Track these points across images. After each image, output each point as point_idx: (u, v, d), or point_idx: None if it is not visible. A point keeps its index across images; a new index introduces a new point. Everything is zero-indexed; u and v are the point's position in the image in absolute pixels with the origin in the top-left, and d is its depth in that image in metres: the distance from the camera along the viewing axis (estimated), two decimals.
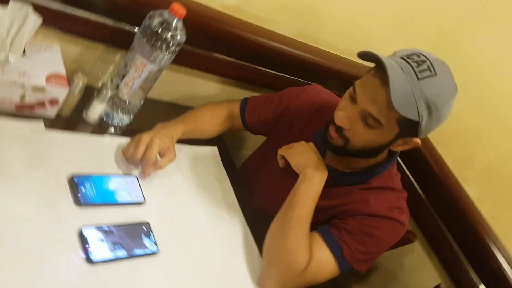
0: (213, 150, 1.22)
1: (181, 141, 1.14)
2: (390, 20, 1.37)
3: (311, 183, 0.97)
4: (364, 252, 0.97)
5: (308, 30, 1.28)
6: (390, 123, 0.89)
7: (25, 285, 0.72)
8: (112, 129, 1.08)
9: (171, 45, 0.95)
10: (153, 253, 0.90)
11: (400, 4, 1.35)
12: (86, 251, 0.81)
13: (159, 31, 0.93)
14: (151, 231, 0.93)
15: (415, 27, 1.42)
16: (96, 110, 1.02)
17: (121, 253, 0.85)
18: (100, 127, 1.06)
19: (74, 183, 0.89)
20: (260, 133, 1.24)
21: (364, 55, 0.91)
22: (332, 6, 1.25)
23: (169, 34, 0.94)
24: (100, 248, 0.83)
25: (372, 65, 0.94)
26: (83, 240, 0.82)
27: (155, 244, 0.91)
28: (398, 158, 1.08)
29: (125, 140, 1.06)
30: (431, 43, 1.38)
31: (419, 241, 1.42)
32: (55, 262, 0.77)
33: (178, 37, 0.96)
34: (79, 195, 0.88)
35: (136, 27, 1.02)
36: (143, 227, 0.92)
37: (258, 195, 1.18)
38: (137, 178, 0.99)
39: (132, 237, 0.89)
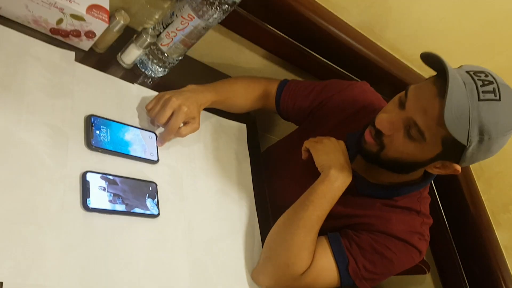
0: (241, 127, 1.15)
1: (210, 110, 1.08)
2: (463, 37, 1.25)
3: (331, 186, 0.89)
4: (371, 271, 0.90)
5: (374, 25, 1.18)
6: (434, 139, 0.80)
7: (13, 211, 0.68)
8: (143, 79, 1.02)
9: (224, 3, 0.87)
10: (152, 215, 0.85)
11: (479, 24, 1.23)
12: (84, 195, 0.77)
13: None
14: (157, 193, 0.87)
15: (489, 50, 1.30)
16: (132, 54, 0.97)
17: (120, 207, 0.80)
18: (132, 74, 1.01)
19: (90, 124, 0.84)
20: (291, 120, 1.16)
21: (427, 57, 0.81)
22: (406, 6, 1.15)
23: None
24: (99, 196, 0.79)
25: (432, 73, 0.84)
26: (84, 184, 0.78)
27: (157, 206, 0.86)
28: (432, 181, 0.99)
29: (153, 94, 1.01)
30: (502, 71, 1.26)
31: (431, 274, 1.33)
32: (49, 198, 0.73)
33: None
34: (92, 137, 0.83)
35: None
36: (150, 186, 0.87)
37: (274, 185, 1.11)
38: (156, 136, 0.94)
39: (135, 194, 0.84)
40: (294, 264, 0.87)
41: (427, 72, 1.36)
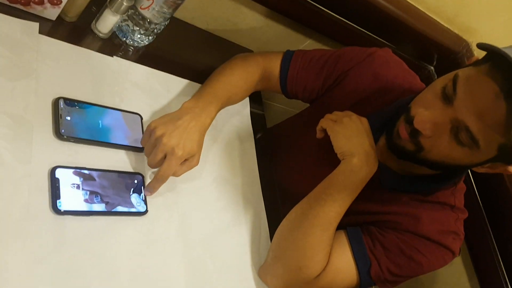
0: (243, 102, 1.00)
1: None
2: None
3: (354, 177, 0.75)
4: (396, 274, 0.78)
5: None
6: (489, 146, 0.65)
7: None
8: (124, 49, 0.88)
9: None
10: (139, 213, 0.73)
11: None
12: (53, 196, 0.65)
13: None
14: (143, 186, 0.75)
15: None
16: (107, 22, 0.82)
17: (98, 206, 0.68)
18: (111, 44, 0.86)
19: (59, 109, 0.71)
20: (302, 100, 0.98)
21: (486, 49, 0.65)
22: None
23: None
24: (72, 196, 0.67)
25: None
26: (53, 183, 0.66)
27: (145, 202, 0.74)
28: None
29: (137, 67, 0.86)
30: None
31: (461, 257, 1.21)
32: (11, 203, 0.61)
33: None
34: (62, 124, 0.70)
35: None
36: (135, 179, 0.75)
37: (282, 171, 0.97)
38: (141, 118, 0.81)
39: (117, 189, 0.72)
40: (307, 267, 0.75)
41: (456, 26, 1.18)
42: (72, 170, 0.68)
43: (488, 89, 0.62)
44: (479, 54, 0.71)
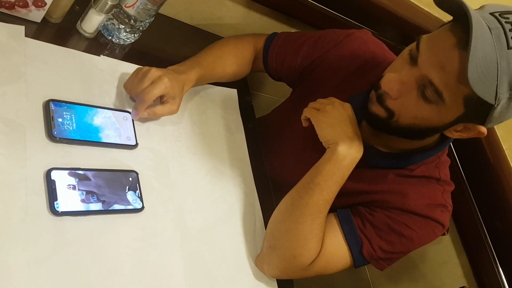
0: (231, 93, 1.02)
1: None
2: None
3: (339, 165, 0.77)
4: (388, 251, 0.80)
5: None
6: (454, 100, 0.67)
7: None
8: (111, 48, 0.88)
9: None
10: (135, 210, 0.74)
11: None
12: (51, 198, 0.66)
13: None
14: (138, 183, 0.76)
15: None
16: (93, 21, 0.82)
17: (95, 206, 0.70)
18: (97, 43, 0.87)
19: (50, 111, 0.72)
20: (283, 80, 1.01)
21: (442, 1, 0.67)
22: None
23: None
24: (69, 196, 0.68)
25: (447, 18, 0.70)
26: (50, 185, 0.67)
27: (141, 199, 0.75)
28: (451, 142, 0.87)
29: (124, 65, 0.87)
30: None
31: (450, 234, 1.24)
32: (9, 207, 0.62)
33: None
34: (54, 127, 0.71)
35: None
36: (129, 177, 0.76)
37: (273, 158, 0.99)
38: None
39: (112, 188, 0.73)
40: (301, 255, 0.78)
41: (436, 9, 1.20)
42: (67, 171, 0.69)
43: (447, 41, 0.66)
44: None
